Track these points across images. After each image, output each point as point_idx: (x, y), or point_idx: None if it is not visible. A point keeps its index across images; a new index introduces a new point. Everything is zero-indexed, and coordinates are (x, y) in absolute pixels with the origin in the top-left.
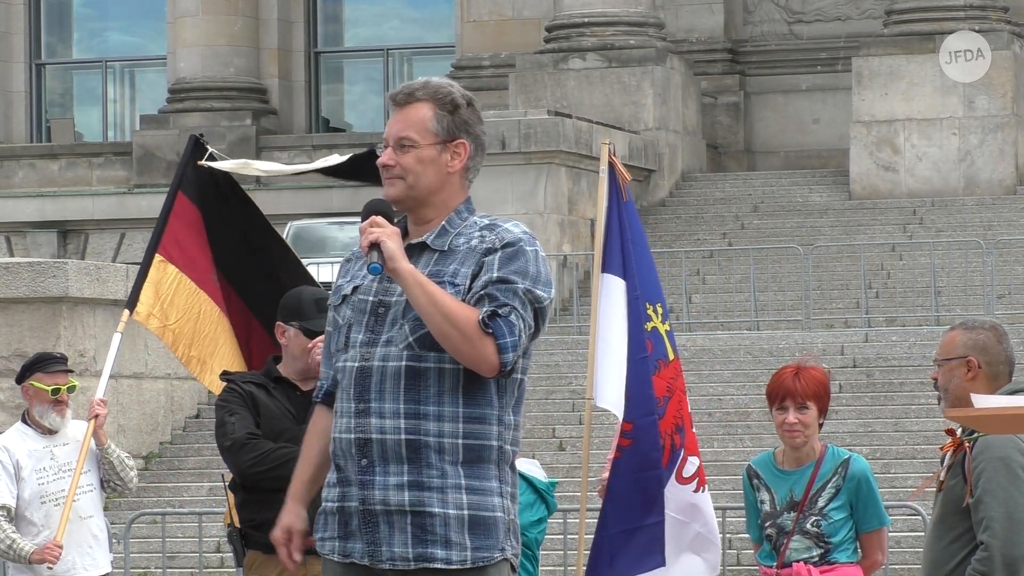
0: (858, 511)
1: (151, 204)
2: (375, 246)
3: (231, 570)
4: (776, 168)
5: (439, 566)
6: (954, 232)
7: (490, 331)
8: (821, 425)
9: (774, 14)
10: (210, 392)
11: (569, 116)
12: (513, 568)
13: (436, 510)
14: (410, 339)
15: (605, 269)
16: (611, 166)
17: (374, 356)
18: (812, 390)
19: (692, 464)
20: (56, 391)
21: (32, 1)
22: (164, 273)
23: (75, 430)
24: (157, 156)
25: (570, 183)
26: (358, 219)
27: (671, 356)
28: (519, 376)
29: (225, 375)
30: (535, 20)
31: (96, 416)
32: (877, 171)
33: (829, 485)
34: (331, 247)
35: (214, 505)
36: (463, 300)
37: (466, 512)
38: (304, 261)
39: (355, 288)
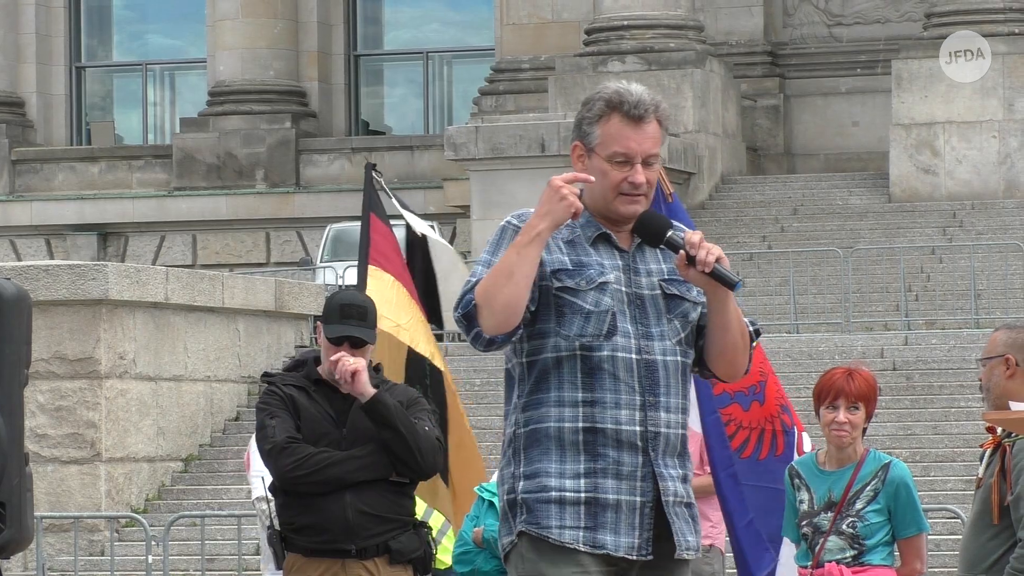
0: (896, 516)
1: (191, 207)
2: (718, 261)
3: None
4: (816, 171)
5: (693, 554)
6: (994, 235)
7: (754, 342)
8: (865, 430)
9: (813, 17)
10: (249, 394)
11: None
12: None
13: (694, 502)
14: (681, 335)
15: None
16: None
17: (653, 350)
18: (864, 391)
19: (807, 440)
20: None
21: (72, 4)
22: (381, 281)
23: None
24: (197, 159)
25: None
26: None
27: None
28: None
29: (266, 376)
30: (574, 23)
31: None
32: (917, 174)
33: (868, 488)
34: None
35: (253, 508)
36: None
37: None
38: (343, 264)
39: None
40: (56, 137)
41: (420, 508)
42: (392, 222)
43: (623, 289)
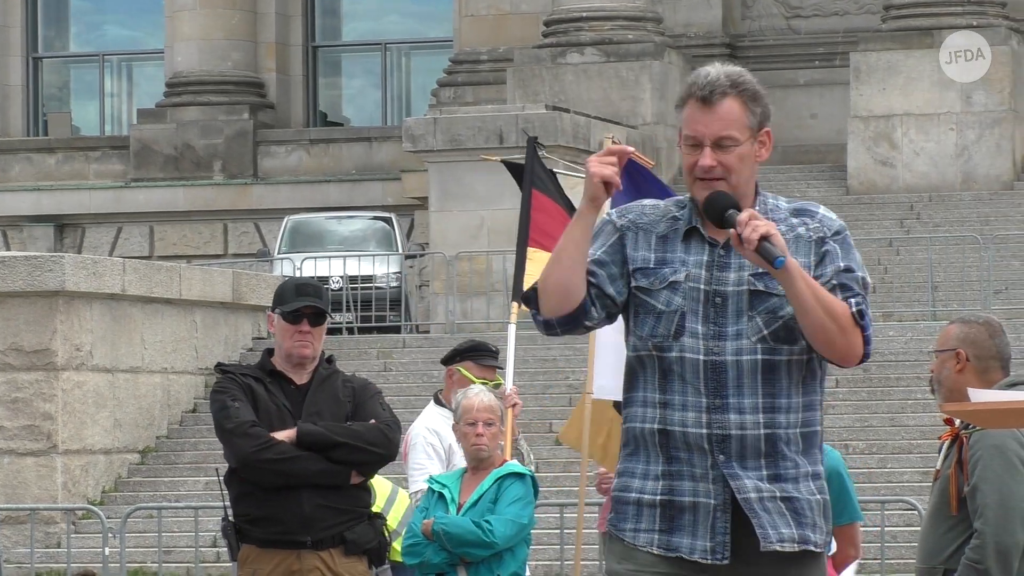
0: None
1: (148, 198)
2: (765, 238)
3: (227, 564)
4: (774, 163)
5: (811, 548)
6: (951, 227)
7: (862, 322)
8: None
9: (772, 9)
10: (206, 386)
11: (567, 111)
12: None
13: (800, 496)
14: (764, 332)
15: None
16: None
17: (725, 350)
18: None
19: None
20: (483, 383)
21: None
22: (542, 263)
23: None
24: (154, 150)
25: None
26: (354, 213)
27: None
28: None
29: (220, 366)
30: (533, 15)
31: (514, 405)
32: (874, 166)
33: None
34: (329, 241)
35: (210, 499)
36: None
37: (818, 497)
38: (301, 255)
39: (686, 275)
40: (12, 128)
41: (381, 499)
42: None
43: (701, 287)
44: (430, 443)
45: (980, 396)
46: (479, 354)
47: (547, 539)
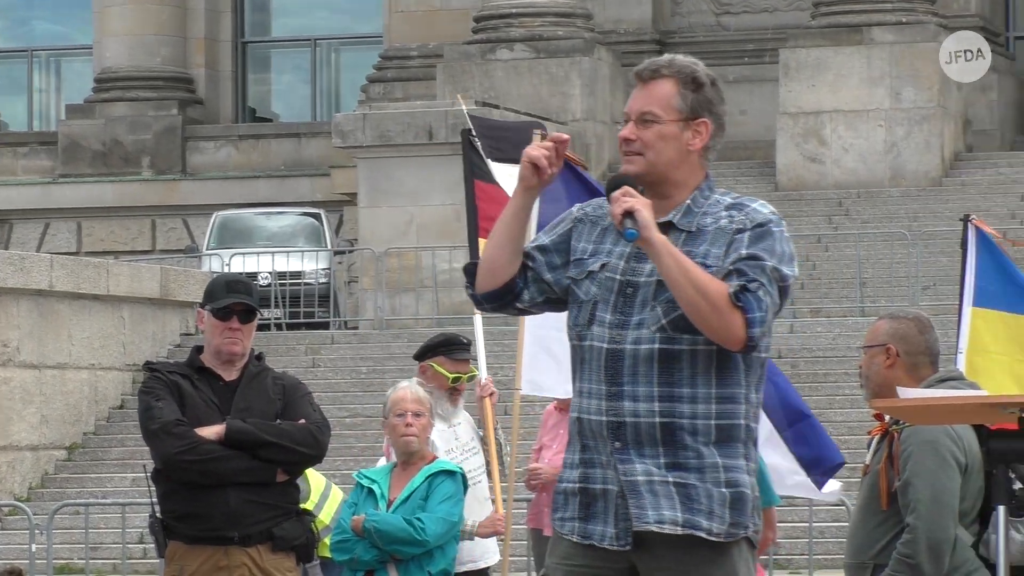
0: None
1: (76, 194)
2: (629, 214)
3: (154, 561)
4: None
5: (702, 535)
6: (880, 223)
7: (740, 304)
8: None
9: (701, 5)
10: (134, 383)
11: (497, 107)
12: (753, 545)
13: (698, 484)
14: (663, 321)
15: None
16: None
17: (626, 339)
18: None
19: None
20: (457, 379)
21: None
22: None
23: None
24: (82, 146)
25: None
26: (283, 209)
27: None
28: (763, 355)
29: (149, 365)
30: (463, 10)
31: (492, 394)
32: (803, 162)
33: None
34: (258, 237)
35: (137, 496)
36: None
37: (725, 490)
38: (229, 251)
39: (603, 265)
40: None
41: (315, 495)
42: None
43: (617, 277)
44: None
45: (909, 395)
46: (451, 348)
47: None
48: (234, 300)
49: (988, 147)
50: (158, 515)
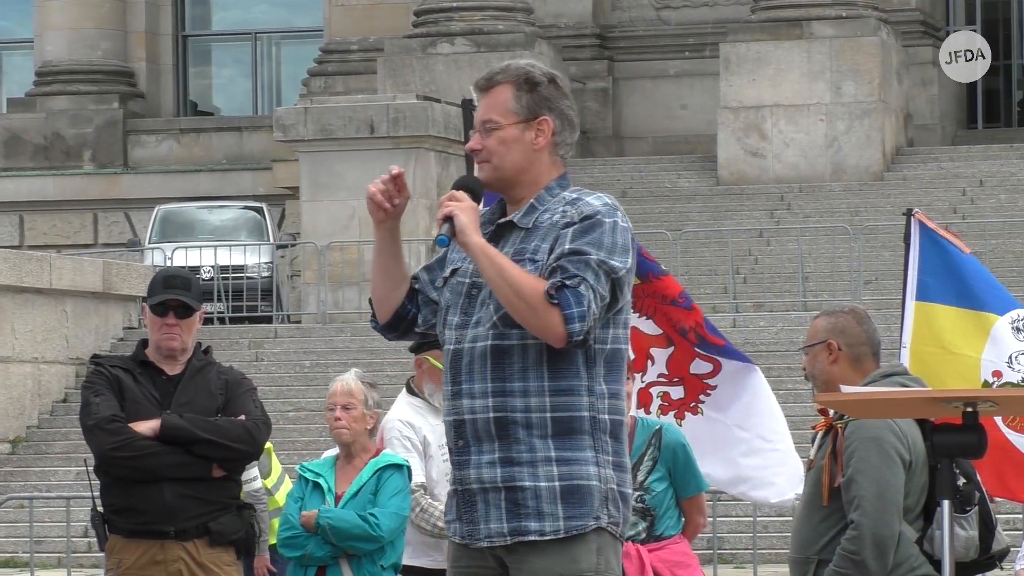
0: (676, 479)
1: (17, 188)
2: (448, 219)
3: (99, 554)
4: (644, 154)
5: (533, 538)
6: (821, 218)
7: (555, 302)
8: (629, 395)
9: (642, 0)
10: (77, 376)
11: (438, 101)
12: (616, 536)
13: (527, 484)
14: (494, 318)
15: None
16: None
17: (465, 338)
18: None
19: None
20: None
21: None
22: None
23: None
24: (24, 139)
25: (439, 168)
26: (225, 203)
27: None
28: (607, 346)
29: (95, 359)
30: (404, 4)
31: None
32: (744, 157)
33: (646, 458)
34: (200, 231)
35: (81, 489)
36: (541, 275)
37: (557, 484)
38: (171, 245)
39: (453, 271)
40: None
41: (275, 474)
42: None
43: (465, 280)
44: (406, 436)
45: (851, 391)
46: None
47: None
48: (169, 296)
49: (929, 142)
50: (99, 508)
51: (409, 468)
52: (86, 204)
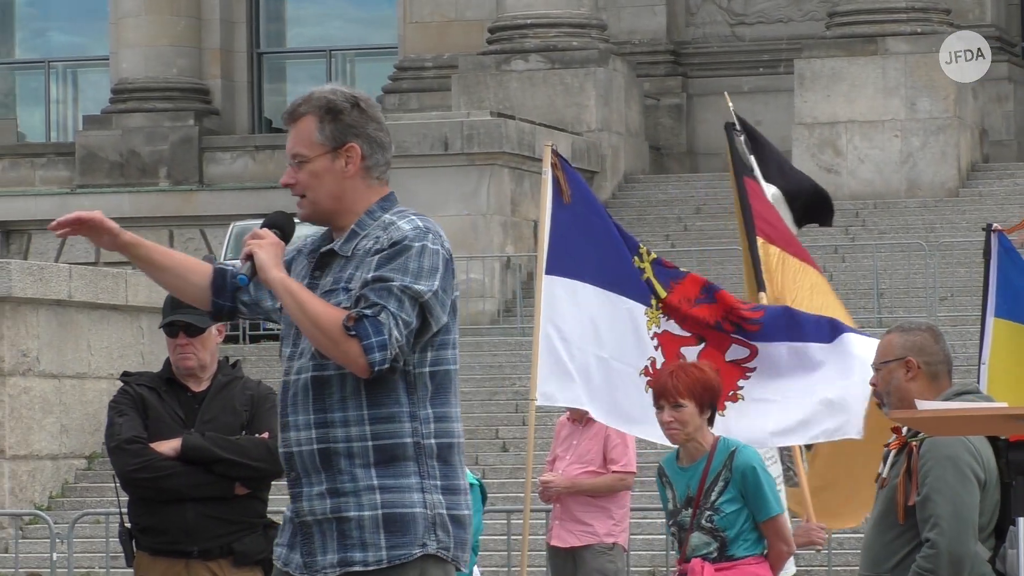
0: (749, 502)
1: (94, 204)
2: (249, 257)
3: None
4: (718, 170)
5: (358, 569)
6: (896, 234)
7: (352, 333)
8: (712, 420)
9: (716, 16)
10: None
11: (512, 117)
12: (447, 560)
13: (352, 514)
14: (313, 348)
15: (549, 271)
16: (554, 170)
17: (292, 370)
18: (686, 387)
19: None
20: None
21: None
22: (767, 255)
23: None
24: (100, 156)
25: (513, 184)
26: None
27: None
28: (426, 369)
29: (124, 376)
30: (478, 21)
31: None
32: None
33: (720, 479)
34: None
35: None
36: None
37: (380, 511)
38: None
39: None
40: None
41: None
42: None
43: None
44: None
45: (927, 407)
46: None
47: (494, 546)
48: (175, 317)
49: (1005, 158)
50: (127, 525)
51: (481, 485)
52: (162, 221)
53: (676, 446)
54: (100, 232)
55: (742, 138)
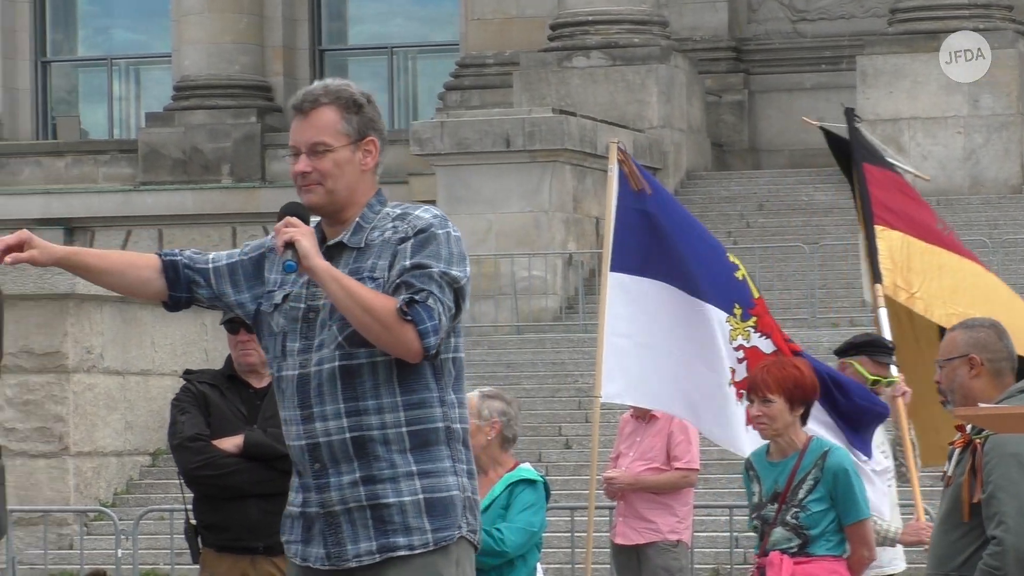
0: (837, 504)
1: (156, 201)
2: (289, 245)
3: None
4: (781, 166)
5: (403, 553)
6: (959, 231)
7: (409, 318)
8: (804, 418)
9: (778, 12)
10: None
11: (574, 114)
12: (473, 545)
13: (391, 500)
14: (339, 338)
15: (614, 268)
16: (621, 164)
17: (310, 362)
18: (777, 383)
19: None
20: (876, 382)
21: None
22: (889, 241)
23: None
24: (162, 154)
25: (575, 181)
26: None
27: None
28: (451, 355)
29: (186, 374)
30: (539, 18)
31: (904, 394)
32: None
33: (809, 477)
34: None
35: None
36: (383, 292)
37: (421, 496)
38: None
39: (285, 296)
40: (22, 132)
41: None
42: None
43: (300, 305)
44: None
45: (992, 406)
46: (876, 350)
47: (557, 543)
48: (234, 314)
49: None
50: (192, 522)
51: (545, 483)
52: (224, 218)
53: (764, 441)
54: (31, 249)
55: (859, 123)
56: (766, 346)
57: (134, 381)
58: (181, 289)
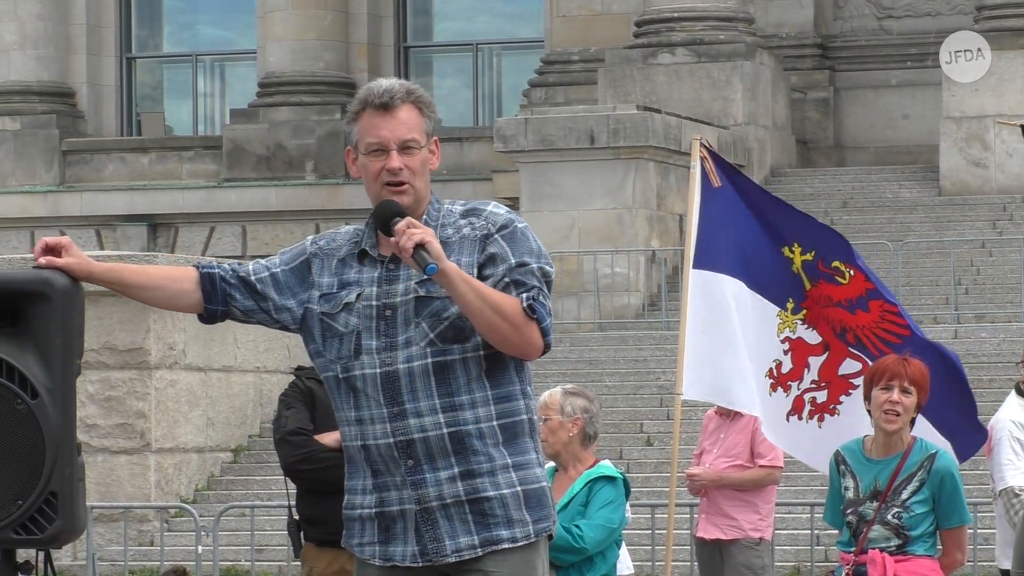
0: (940, 507)
1: (240, 198)
2: (420, 246)
3: None
4: (866, 164)
5: (507, 546)
6: None
7: (534, 316)
8: (914, 421)
9: (864, 9)
10: None
11: (658, 111)
12: (550, 536)
13: (491, 493)
14: (431, 335)
15: (696, 265)
16: (703, 162)
17: (397, 359)
18: (917, 377)
19: None
20: None
21: None
22: None
23: None
24: (247, 150)
25: (659, 178)
26: None
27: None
28: None
29: (296, 370)
30: (624, 15)
31: None
32: (967, 167)
33: (914, 478)
34: None
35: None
36: None
37: (519, 489)
38: None
39: (358, 295)
40: (106, 128)
41: None
42: None
43: (374, 303)
44: (1016, 438)
45: None
46: None
47: (638, 540)
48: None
49: None
50: (295, 516)
51: (625, 479)
52: (308, 214)
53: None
54: (68, 257)
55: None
56: (812, 337)
57: (216, 378)
58: (217, 302)
